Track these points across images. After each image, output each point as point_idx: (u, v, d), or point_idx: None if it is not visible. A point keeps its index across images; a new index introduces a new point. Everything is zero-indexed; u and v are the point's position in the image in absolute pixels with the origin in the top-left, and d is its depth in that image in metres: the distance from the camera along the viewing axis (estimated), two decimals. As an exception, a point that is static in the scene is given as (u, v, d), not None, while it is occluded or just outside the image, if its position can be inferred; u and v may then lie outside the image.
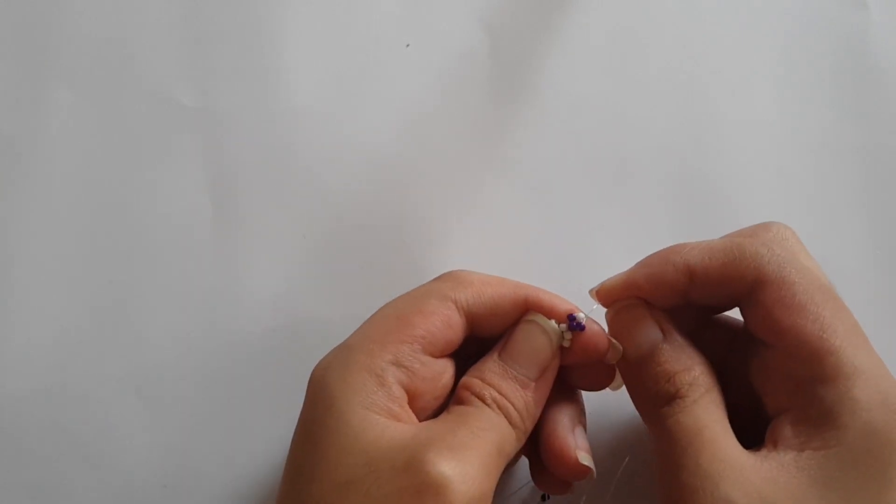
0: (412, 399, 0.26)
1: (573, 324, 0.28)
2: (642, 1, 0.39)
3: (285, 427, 0.35)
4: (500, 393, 0.26)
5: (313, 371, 0.27)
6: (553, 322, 0.28)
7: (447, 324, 0.27)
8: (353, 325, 0.33)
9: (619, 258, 0.37)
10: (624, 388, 0.29)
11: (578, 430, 0.29)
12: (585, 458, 0.28)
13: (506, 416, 0.26)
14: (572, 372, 0.29)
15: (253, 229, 0.37)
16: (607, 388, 0.30)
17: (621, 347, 0.28)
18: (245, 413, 0.35)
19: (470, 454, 0.24)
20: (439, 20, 0.39)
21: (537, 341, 0.27)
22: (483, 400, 0.26)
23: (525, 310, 0.28)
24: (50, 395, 0.35)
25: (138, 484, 0.34)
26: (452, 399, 0.27)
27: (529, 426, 0.27)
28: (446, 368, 0.28)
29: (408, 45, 0.39)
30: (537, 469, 0.30)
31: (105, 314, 0.36)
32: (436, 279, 0.29)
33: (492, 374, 0.27)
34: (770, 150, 0.38)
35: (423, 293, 0.28)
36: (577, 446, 0.28)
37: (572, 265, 0.37)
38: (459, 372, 0.28)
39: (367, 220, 0.37)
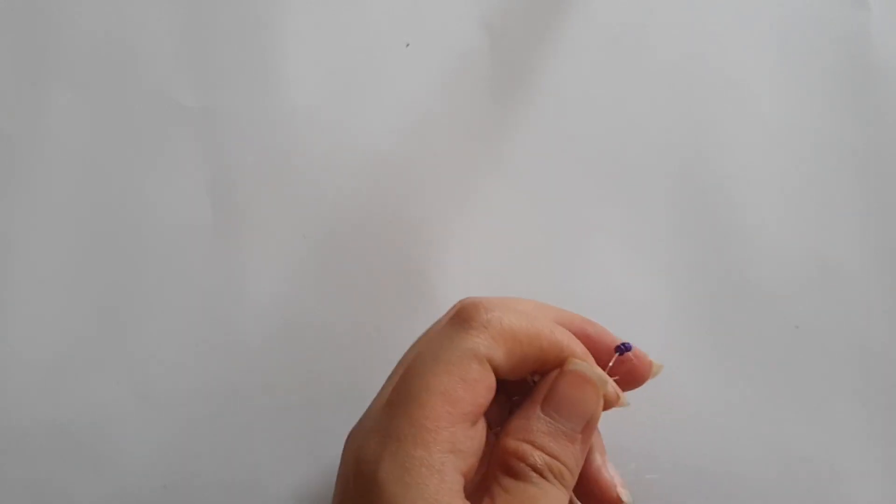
0: (465, 479, 0.25)
1: (622, 349, 0.28)
2: (642, 1, 0.39)
3: (285, 427, 0.35)
4: (553, 456, 0.25)
5: (359, 461, 0.25)
6: (598, 368, 0.27)
7: (489, 388, 0.26)
8: (352, 326, 0.33)
9: (619, 259, 0.37)
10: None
11: (609, 465, 0.28)
12: (626, 495, 0.27)
13: (561, 482, 0.25)
14: None
15: (253, 230, 0.37)
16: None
17: (662, 365, 0.28)
18: (245, 413, 0.35)
19: None
20: (439, 20, 0.39)
21: (584, 392, 0.26)
22: (541, 473, 0.25)
23: (543, 367, 0.27)
24: (50, 395, 0.35)
25: (138, 484, 0.34)
26: (499, 465, 0.25)
27: (576, 479, 0.26)
28: (484, 425, 0.26)
29: (408, 45, 0.39)
30: None
31: (105, 314, 0.36)
32: (466, 326, 0.26)
33: (541, 434, 0.25)
34: (770, 149, 0.38)
35: (462, 355, 0.25)
36: (616, 483, 0.28)
37: (572, 265, 0.37)
38: None
39: (367, 220, 0.37)
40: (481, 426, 0.26)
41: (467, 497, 0.24)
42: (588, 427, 0.26)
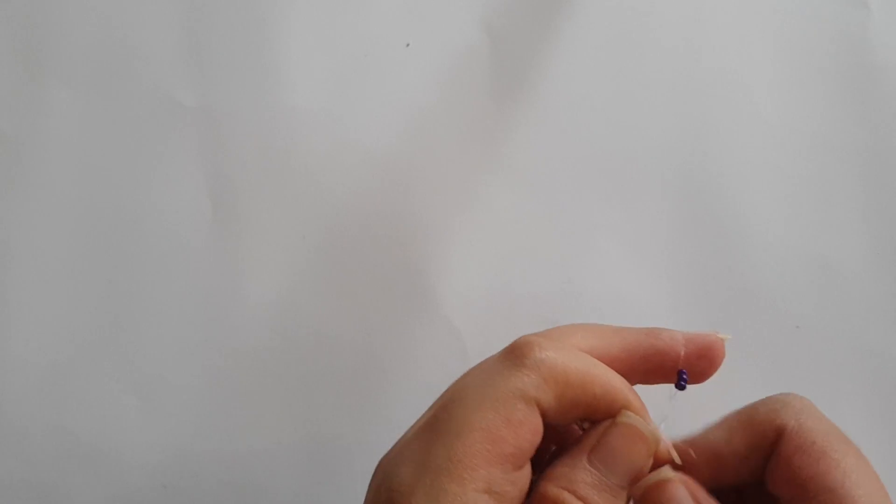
0: None
1: (681, 381, 0.27)
2: (642, 1, 0.39)
3: (285, 426, 0.35)
4: None
5: (391, 492, 0.23)
6: (652, 425, 0.25)
7: (535, 433, 0.24)
8: (352, 326, 0.33)
9: (619, 258, 0.37)
10: None
11: None
12: None
13: None
14: None
15: (253, 230, 0.37)
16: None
17: (729, 335, 0.27)
18: (245, 413, 0.35)
19: None
20: (439, 20, 0.39)
21: (635, 447, 0.25)
22: None
23: (594, 413, 0.26)
24: (50, 395, 0.35)
25: (138, 484, 0.34)
26: None
27: None
28: (528, 471, 0.25)
29: (408, 45, 0.39)
30: None
31: (104, 314, 0.36)
32: (518, 363, 0.25)
33: (585, 485, 0.24)
34: (770, 149, 0.38)
35: (509, 393, 0.24)
36: None
37: (572, 265, 0.37)
38: None
39: (367, 220, 0.37)
40: (525, 473, 0.24)
41: None
42: (635, 484, 0.25)
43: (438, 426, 0.24)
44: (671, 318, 0.36)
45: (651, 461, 0.25)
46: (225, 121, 0.38)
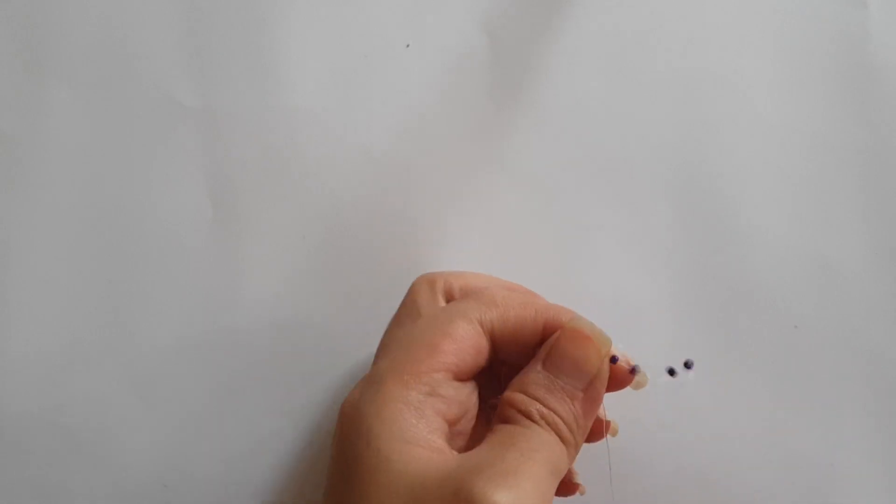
0: (449, 426, 0.25)
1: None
2: (642, 1, 0.39)
3: (285, 426, 0.35)
4: (547, 407, 0.25)
5: (344, 406, 0.25)
6: (599, 328, 0.26)
7: (477, 349, 0.26)
8: (352, 326, 0.33)
9: (619, 258, 0.37)
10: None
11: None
12: (602, 414, 0.27)
13: (556, 433, 0.25)
14: None
15: (253, 229, 0.37)
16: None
17: (648, 375, 0.28)
18: (245, 413, 0.35)
19: (522, 479, 0.22)
20: (439, 20, 0.39)
21: (583, 348, 0.26)
22: (530, 417, 0.24)
23: (545, 337, 0.27)
24: (50, 396, 0.35)
25: (138, 484, 0.34)
26: (495, 416, 0.25)
27: (580, 441, 0.26)
28: (473, 389, 0.27)
29: (408, 46, 0.39)
30: None
31: (104, 314, 0.36)
32: (461, 298, 0.28)
33: (536, 386, 0.25)
34: (770, 149, 0.38)
35: (451, 315, 0.26)
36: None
37: (572, 265, 0.37)
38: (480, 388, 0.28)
39: (367, 220, 0.37)
40: (469, 389, 0.26)
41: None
42: (592, 387, 0.26)
43: (385, 350, 0.27)
44: (671, 318, 0.36)
45: (606, 365, 0.26)
46: (225, 121, 0.38)
